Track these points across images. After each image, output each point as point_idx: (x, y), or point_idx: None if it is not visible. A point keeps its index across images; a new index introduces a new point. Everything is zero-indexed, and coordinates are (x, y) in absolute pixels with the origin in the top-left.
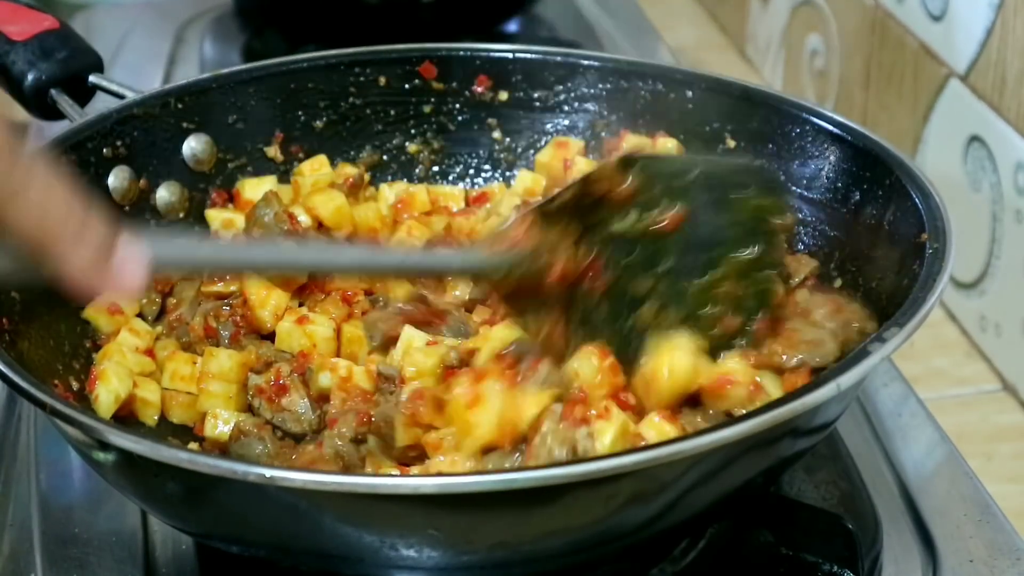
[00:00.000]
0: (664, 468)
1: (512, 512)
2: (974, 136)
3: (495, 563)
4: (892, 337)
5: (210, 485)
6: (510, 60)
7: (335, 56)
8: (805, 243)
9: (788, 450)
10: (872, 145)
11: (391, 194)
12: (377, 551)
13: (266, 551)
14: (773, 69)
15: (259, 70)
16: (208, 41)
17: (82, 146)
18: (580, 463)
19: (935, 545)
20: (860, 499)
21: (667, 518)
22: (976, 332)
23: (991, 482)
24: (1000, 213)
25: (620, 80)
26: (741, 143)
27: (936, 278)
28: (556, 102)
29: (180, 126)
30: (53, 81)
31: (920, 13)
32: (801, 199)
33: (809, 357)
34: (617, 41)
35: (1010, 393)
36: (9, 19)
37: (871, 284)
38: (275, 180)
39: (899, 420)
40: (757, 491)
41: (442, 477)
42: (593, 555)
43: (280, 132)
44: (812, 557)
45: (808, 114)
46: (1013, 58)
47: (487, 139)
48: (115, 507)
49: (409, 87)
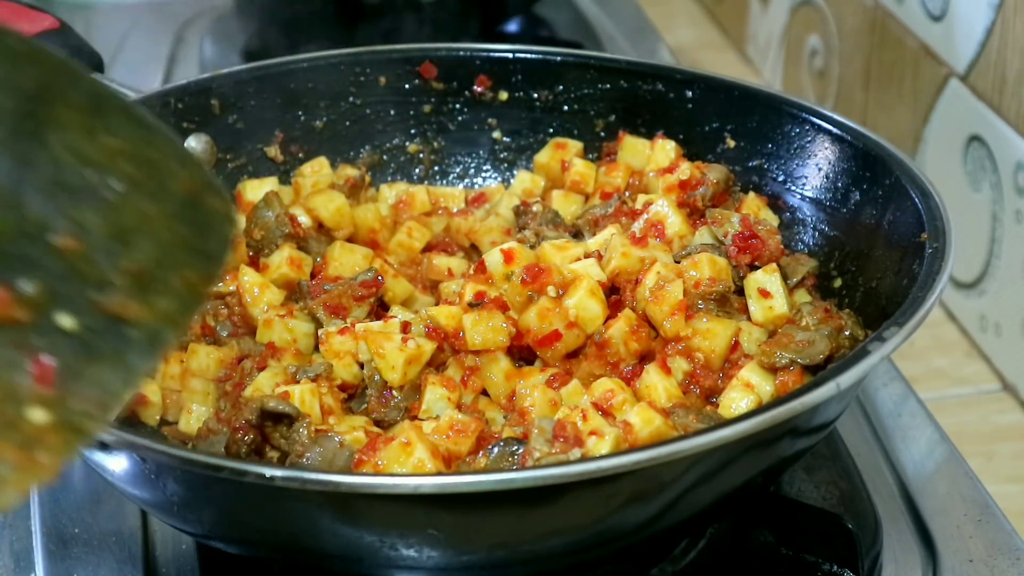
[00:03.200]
0: (664, 468)
1: (512, 512)
2: (974, 136)
3: (495, 563)
4: (892, 336)
5: (210, 485)
6: (510, 60)
7: (335, 56)
8: (805, 243)
9: (788, 450)
10: (872, 145)
11: (391, 194)
12: (377, 551)
13: (266, 551)
14: (773, 69)
15: (259, 70)
16: (208, 41)
17: None
18: (580, 463)
19: (935, 545)
20: (860, 499)
21: (667, 518)
22: (976, 332)
23: (991, 482)
24: (1000, 213)
25: (620, 80)
26: (741, 143)
27: (936, 278)
28: (556, 102)
29: (180, 126)
30: None
31: (920, 13)
32: (801, 199)
33: (800, 357)
34: (617, 41)
35: (1010, 393)
36: (9, 19)
37: (871, 284)
38: (276, 181)
39: (899, 420)
40: (757, 491)
41: (442, 477)
42: (593, 555)
43: (280, 132)
44: (812, 557)
45: (808, 114)
46: (1013, 58)
47: (487, 139)
48: (115, 507)
49: (409, 87)
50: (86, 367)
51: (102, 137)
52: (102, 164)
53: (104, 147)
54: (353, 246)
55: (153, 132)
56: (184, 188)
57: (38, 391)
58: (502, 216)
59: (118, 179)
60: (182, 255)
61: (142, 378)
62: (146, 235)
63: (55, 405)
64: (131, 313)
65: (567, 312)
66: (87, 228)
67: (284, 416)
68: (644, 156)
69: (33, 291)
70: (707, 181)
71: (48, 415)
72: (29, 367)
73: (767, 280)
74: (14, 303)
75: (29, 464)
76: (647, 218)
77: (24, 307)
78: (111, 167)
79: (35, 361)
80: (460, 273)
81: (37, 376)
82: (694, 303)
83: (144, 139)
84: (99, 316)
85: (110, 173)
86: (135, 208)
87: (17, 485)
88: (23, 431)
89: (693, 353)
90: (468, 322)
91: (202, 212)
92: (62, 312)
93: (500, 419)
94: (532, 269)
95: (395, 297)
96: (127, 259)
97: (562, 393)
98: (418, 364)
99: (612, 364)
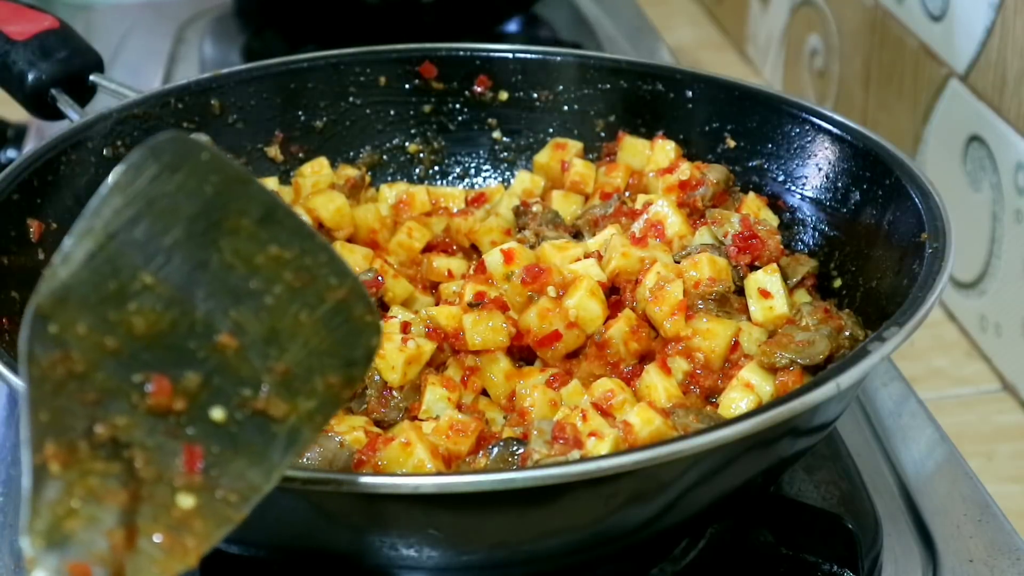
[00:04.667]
0: (664, 468)
1: (512, 512)
2: (974, 136)
3: (495, 563)
4: (892, 336)
5: None
6: (510, 60)
7: (335, 56)
8: (805, 243)
9: (788, 450)
10: (872, 145)
11: (391, 195)
12: (377, 551)
13: (266, 551)
14: (773, 69)
15: (259, 70)
16: (208, 41)
17: (82, 146)
18: (580, 463)
19: (935, 545)
20: (860, 499)
21: (667, 518)
22: (976, 332)
23: (991, 482)
24: (1000, 213)
25: (620, 80)
26: (741, 143)
27: (936, 278)
28: (556, 102)
29: (180, 126)
30: (53, 81)
31: (920, 13)
32: (801, 199)
33: (800, 357)
34: (617, 41)
35: (1010, 393)
36: (9, 19)
37: (871, 284)
38: (276, 181)
39: (899, 420)
40: (757, 491)
41: (442, 477)
42: (593, 555)
43: (280, 132)
44: (812, 557)
45: (808, 114)
46: (1013, 58)
47: (487, 139)
48: None
49: (409, 87)
50: (232, 459)
51: (269, 245)
52: (266, 270)
53: (270, 255)
54: (353, 246)
55: (315, 242)
56: (336, 298)
57: (188, 478)
58: (502, 216)
59: (279, 285)
60: (328, 360)
61: (281, 473)
62: (298, 340)
63: (201, 492)
64: (276, 411)
65: (567, 312)
66: (246, 329)
67: None
68: (644, 156)
69: (191, 383)
70: (707, 181)
71: (195, 500)
72: (181, 455)
73: (767, 280)
74: (173, 393)
75: (177, 547)
76: (647, 218)
77: (181, 397)
78: (274, 274)
79: (187, 449)
80: (460, 274)
81: (188, 463)
82: (694, 303)
83: (306, 249)
84: (247, 412)
85: (272, 280)
86: (291, 313)
87: (166, 567)
88: (173, 515)
89: (693, 353)
90: (468, 322)
91: (350, 321)
92: (215, 405)
93: (500, 419)
94: (532, 269)
95: (395, 297)
96: (278, 360)
97: (562, 393)
98: (418, 364)
99: (612, 364)
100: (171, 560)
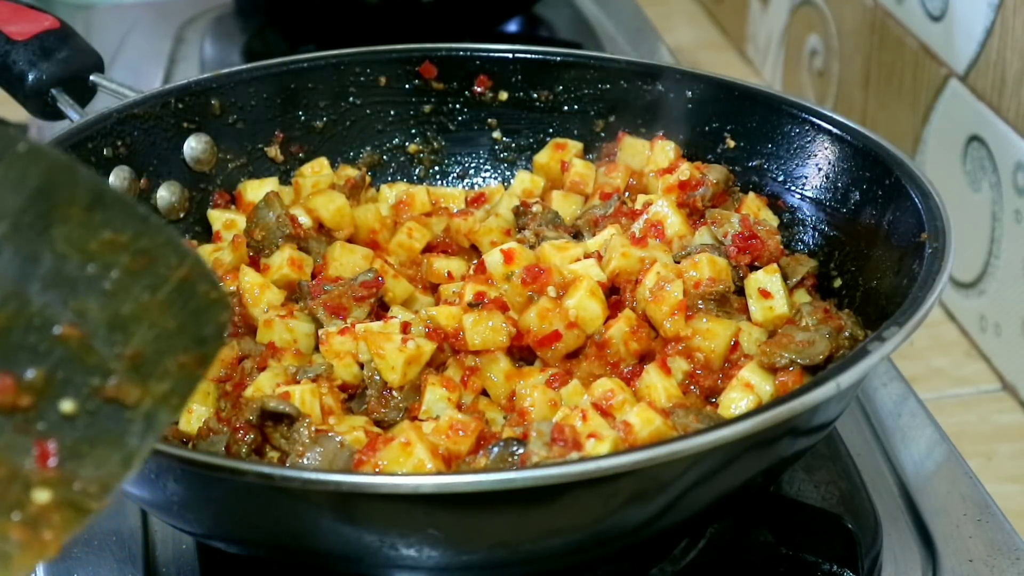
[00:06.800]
0: (663, 468)
1: (512, 512)
2: (974, 136)
3: (495, 563)
4: (891, 336)
5: (210, 485)
6: (510, 60)
7: (335, 56)
8: (805, 243)
9: (788, 450)
10: (872, 145)
11: (391, 195)
12: (377, 551)
13: (266, 551)
14: (773, 69)
15: (259, 70)
16: (208, 41)
17: (82, 146)
18: (580, 463)
19: (935, 545)
20: (860, 499)
21: (667, 518)
22: (976, 332)
23: (991, 482)
24: (1000, 213)
25: (620, 80)
26: (741, 143)
27: (935, 278)
28: (556, 102)
29: (180, 126)
30: (53, 81)
31: (920, 13)
32: (801, 199)
33: (800, 357)
34: (617, 41)
35: (1010, 393)
36: (9, 19)
37: (871, 284)
38: (276, 181)
39: (899, 420)
40: (757, 491)
41: (442, 477)
42: (593, 555)
43: (280, 132)
44: (812, 557)
45: (808, 114)
46: (1013, 58)
47: (487, 139)
48: (115, 507)
49: (409, 87)
50: (87, 449)
51: (101, 231)
52: (102, 256)
53: (103, 240)
54: (353, 246)
55: (149, 224)
56: (178, 277)
57: (41, 473)
58: (502, 216)
59: (116, 270)
60: (178, 340)
61: (141, 458)
62: (143, 323)
63: (58, 485)
64: (129, 397)
65: (567, 312)
66: (87, 317)
67: (284, 416)
68: (644, 156)
69: (36, 378)
70: (707, 181)
71: (51, 495)
72: (33, 450)
73: (767, 280)
74: (18, 390)
75: (34, 542)
76: (647, 218)
77: (27, 393)
78: (110, 259)
79: (38, 444)
80: (460, 276)
81: (40, 458)
82: (694, 303)
83: (140, 231)
84: (99, 400)
85: (109, 264)
86: (132, 297)
87: (23, 562)
88: (28, 511)
89: (693, 353)
90: (468, 322)
91: (196, 299)
92: (63, 397)
93: (500, 419)
94: (532, 269)
95: (395, 297)
96: (125, 346)
97: (562, 393)
98: (418, 364)
99: (612, 364)
100: (27, 555)
